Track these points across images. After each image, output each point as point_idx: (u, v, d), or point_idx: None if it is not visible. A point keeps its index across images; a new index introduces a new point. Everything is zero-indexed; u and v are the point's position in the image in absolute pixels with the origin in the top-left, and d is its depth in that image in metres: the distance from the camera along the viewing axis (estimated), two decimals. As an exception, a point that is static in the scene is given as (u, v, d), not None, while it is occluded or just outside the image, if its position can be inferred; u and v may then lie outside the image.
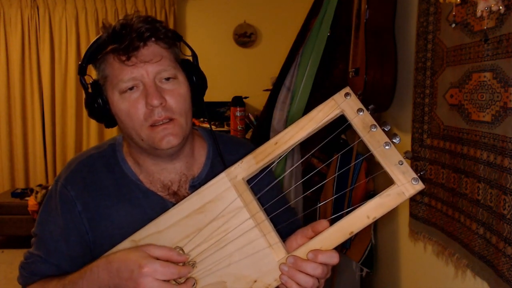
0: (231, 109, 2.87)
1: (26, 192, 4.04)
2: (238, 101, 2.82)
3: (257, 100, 4.03)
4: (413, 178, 0.68)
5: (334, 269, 2.20)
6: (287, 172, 2.12)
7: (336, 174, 2.21)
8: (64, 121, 4.53)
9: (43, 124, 4.53)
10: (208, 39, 4.56)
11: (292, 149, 0.74)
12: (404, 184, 0.69)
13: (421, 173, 0.70)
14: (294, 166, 2.14)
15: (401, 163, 0.69)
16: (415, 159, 1.62)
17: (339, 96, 0.73)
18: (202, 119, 4.27)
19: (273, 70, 3.14)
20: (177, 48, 0.93)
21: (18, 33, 4.40)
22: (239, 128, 2.80)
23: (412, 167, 1.63)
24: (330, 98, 0.74)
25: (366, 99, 1.82)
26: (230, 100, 2.93)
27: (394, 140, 0.70)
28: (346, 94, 0.72)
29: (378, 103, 1.87)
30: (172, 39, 0.90)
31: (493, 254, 1.14)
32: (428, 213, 1.55)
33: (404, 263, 1.91)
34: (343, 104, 0.72)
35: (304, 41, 2.27)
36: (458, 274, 1.37)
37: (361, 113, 0.71)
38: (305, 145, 2.18)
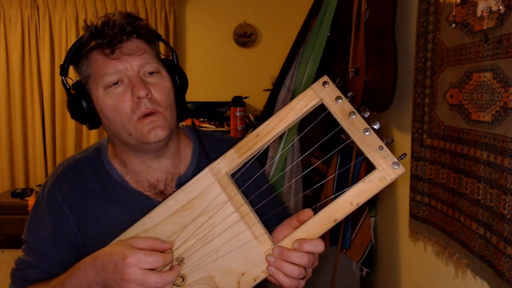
0: (231, 109, 2.88)
1: (26, 192, 4.03)
2: (238, 101, 2.82)
3: (257, 100, 4.03)
4: (394, 163, 0.68)
5: (334, 269, 2.20)
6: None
7: (336, 174, 2.21)
8: (64, 121, 4.52)
9: (43, 124, 4.53)
10: (208, 39, 4.56)
11: (293, 148, 0.74)
12: (385, 169, 0.69)
13: (402, 156, 0.70)
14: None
15: (381, 148, 0.69)
16: (415, 159, 1.62)
17: (317, 85, 0.73)
18: (202, 119, 4.28)
19: (273, 70, 3.14)
20: (158, 47, 0.94)
21: (18, 33, 4.40)
22: (239, 128, 2.80)
23: (412, 167, 1.63)
24: (309, 88, 0.74)
25: (366, 99, 1.82)
26: (230, 100, 2.93)
27: (374, 126, 0.70)
28: (324, 83, 0.72)
29: (378, 103, 1.87)
30: (153, 35, 0.92)
31: (493, 254, 1.14)
32: (428, 213, 1.55)
33: (404, 263, 1.91)
34: (322, 92, 0.72)
35: (304, 41, 2.27)
36: (458, 274, 1.37)
37: (339, 101, 0.71)
38: (305, 145, 2.19)
